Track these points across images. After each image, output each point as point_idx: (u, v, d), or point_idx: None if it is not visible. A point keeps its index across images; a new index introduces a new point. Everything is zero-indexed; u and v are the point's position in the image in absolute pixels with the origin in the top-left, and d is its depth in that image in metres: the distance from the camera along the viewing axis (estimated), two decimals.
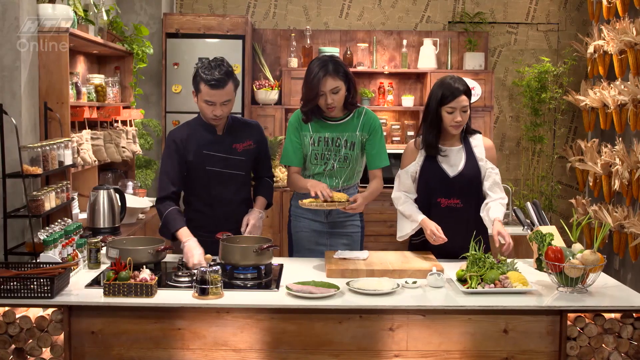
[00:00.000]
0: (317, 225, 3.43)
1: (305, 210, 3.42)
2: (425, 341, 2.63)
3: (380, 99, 6.34)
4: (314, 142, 3.33)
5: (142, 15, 5.93)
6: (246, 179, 3.36)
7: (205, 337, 2.63)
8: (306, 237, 3.45)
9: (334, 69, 3.20)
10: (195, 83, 3.16)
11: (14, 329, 2.60)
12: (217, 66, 3.10)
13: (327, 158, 3.33)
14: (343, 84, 3.23)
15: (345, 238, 3.44)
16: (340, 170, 3.35)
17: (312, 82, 3.21)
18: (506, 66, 6.59)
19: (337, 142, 3.32)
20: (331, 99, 3.22)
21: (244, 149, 3.30)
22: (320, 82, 3.19)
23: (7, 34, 3.42)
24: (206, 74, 3.08)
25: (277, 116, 6.16)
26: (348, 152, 3.33)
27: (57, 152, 3.49)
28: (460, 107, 3.16)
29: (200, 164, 3.23)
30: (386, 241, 5.69)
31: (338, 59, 3.28)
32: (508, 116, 6.63)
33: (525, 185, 6.42)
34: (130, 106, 5.05)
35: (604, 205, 5.53)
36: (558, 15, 6.55)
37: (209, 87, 3.08)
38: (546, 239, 2.87)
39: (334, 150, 3.33)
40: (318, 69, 3.21)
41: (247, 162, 3.33)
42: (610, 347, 2.64)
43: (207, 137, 3.25)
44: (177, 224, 3.12)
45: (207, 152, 3.24)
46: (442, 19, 6.58)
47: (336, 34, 6.47)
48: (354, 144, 3.33)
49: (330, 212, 3.40)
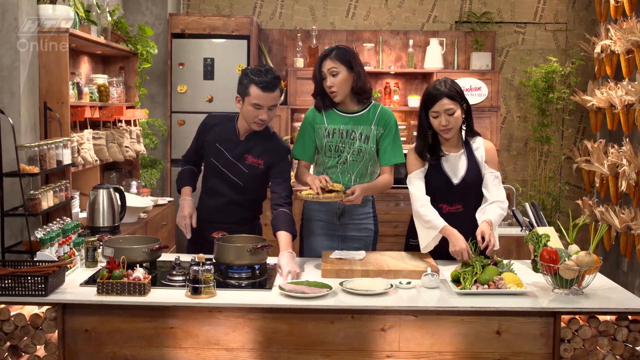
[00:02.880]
0: (329, 228, 3.41)
1: (317, 212, 3.41)
2: (417, 342, 2.62)
3: (386, 99, 6.32)
4: (329, 133, 3.32)
5: (148, 15, 5.97)
6: (245, 189, 3.32)
7: (198, 336, 2.64)
8: (318, 240, 3.42)
9: (336, 53, 3.25)
10: (243, 87, 3.18)
11: (9, 326, 2.62)
12: (267, 71, 3.17)
13: (340, 150, 3.32)
14: (345, 69, 3.24)
15: (357, 242, 3.40)
16: (353, 164, 3.32)
17: (316, 64, 3.31)
18: (514, 66, 6.54)
19: (351, 134, 3.31)
20: (330, 81, 3.24)
21: (251, 163, 3.29)
22: (321, 64, 3.27)
23: (7, 35, 3.45)
24: (258, 77, 3.13)
25: (282, 116, 6.17)
26: (362, 145, 3.31)
27: (56, 151, 3.52)
28: (444, 110, 3.12)
29: (208, 153, 3.34)
30: (391, 242, 5.66)
31: (347, 47, 3.32)
32: (515, 116, 6.58)
33: (533, 186, 6.38)
34: (134, 106, 5.07)
35: (610, 207, 5.47)
36: (566, 14, 6.50)
37: (261, 90, 3.12)
38: (542, 240, 2.85)
39: (348, 142, 3.31)
40: (323, 52, 3.31)
41: (250, 176, 3.30)
42: (605, 350, 2.61)
43: (228, 135, 3.31)
44: (183, 182, 3.42)
45: (219, 147, 3.30)
46: (449, 19, 6.55)
47: (342, 34, 6.47)
48: (368, 137, 3.31)
49: (343, 214, 3.38)
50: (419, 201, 3.18)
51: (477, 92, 6.08)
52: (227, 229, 3.22)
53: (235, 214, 3.35)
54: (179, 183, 3.45)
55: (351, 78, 3.27)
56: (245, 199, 3.35)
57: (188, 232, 3.28)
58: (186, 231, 3.28)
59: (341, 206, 3.37)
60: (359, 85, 3.29)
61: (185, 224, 3.27)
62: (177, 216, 3.32)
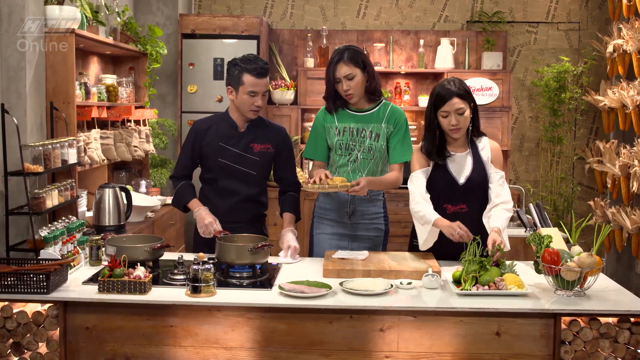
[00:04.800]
0: (339, 227, 3.41)
1: (328, 212, 3.42)
2: (416, 342, 2.61)
3: (396, 99, 6.30)
4: (339, 132, 3.35)
5: (159, 16, 6.01)
6: (258, 179, 3.36)
7: (197, 335, 2.65)
8: (327, 239, 3.42)
9: (349, 56, 3.25)
10: (235, 77, 3.23)
11: (12, 323, 2.65)
12: (256, 58, 3.26)
13: (351, 148, 3.34)
14: (360, 72, 3.26)
15: (367, 241, 3.40)
16: (364, 162, 3.33)
17: (329, 69, 3.30)
18: (526, 66, 6.49)
19: (362, 132, 3.33)
20: (347, 85, 3.26)
21: (260, 150, 3.34)
22: (335, 69, 3.26)
23: (13, 35, 3.49)
24: (250, 64, 3.20)
25: (293, 116, 6.18)
26: (372, 142, 3.33)
27: (61, 150, 3.55)
28: (454, 110, 3.11)
29: (214, 154, 3.32)
30: (400, 242, 5.62)
31: (357, 47, 3.33)
32: (527, 117, 6.53)
33: (544, 187, 6.32)
34: (144, 106, 5.10)
35: (622, 208, 5.41)
36: (579, 14, 6.44)
37: (255, 77, 3.20)
38: (544, 241, 2.82)
39: (358, 140, 3.33)
40: (335, 55, 3.29)
41: (262, 163, 3.35)
42: (606, 352, 2.58)
43: (228, 131, 3.33)
44: (188, 196, 3.34)
45: (223, 145, 3.31)
46: (461, 19, 6.52)
47: (353, 34, 6.46)
48: (378, 135, 3.33)
49: (354, 213, 3.38)
50: (414, 199, 3.17)
51: (487, 92, 6.04)
52: (237, 229, 3.25)
53: (248, 211, 3.36)
54: (181, 199, 3.35)
55: (365, 79, 3.30)
56: (256, 192, 3.37)
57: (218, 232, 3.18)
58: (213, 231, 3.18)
59: (352, 206, 3.38)
60: (373, 85, 3.33)
61: (215, 229, 3.17)
62: (199, 227, 3.22)
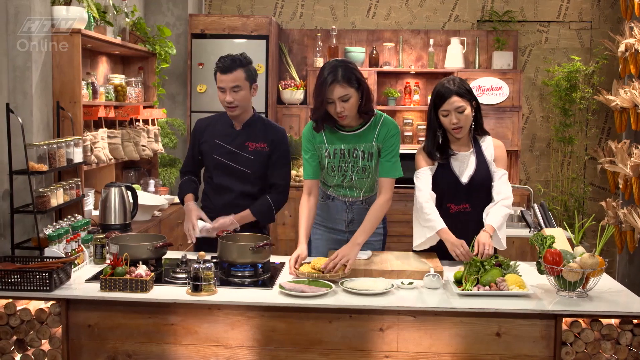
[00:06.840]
0: (337, 234, 3.37)
1: (324, 219, 3.37)
2: (415, 342, 2.60)
3: (406, 99, 6.29)
4: (330, 154, 3.17)
5: (169, 16, 6.04)
6: (254, 177, 3.36)
7: (198, 333, 2.66)
8: (325, 245, 3.39)
9: (343, 75, 2.98)
10: (214, 75, 3.32)
11: (15, 320, 2.68)
12: (229, 55, 3.28)
13: (344, 170, 3.19)
14: (355, 92, 3.02)
15: (366, 246, 3.30)
16: (359, 182, 3.23)
17: (321, 89, 3.00)
18: (537, 65, 6.45)
19: (353, 153, 3.16)
20: (341, 107, 3.01)
21: (255, 148, 3.34)
22: (328, 89, 2.99)
23: (19, 36, 3.52)
24: (219, 62, 3.28)
25: (302, 116, 6.19)
26: (366, 163, 3.17)
27: (66, 149, 3.58)
28: (454, 109, 3.09)
29: (210, 151, 3.37)
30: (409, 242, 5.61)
31: (350, 64, 3.06)
32: (538, 116, 6.49)
33: (555, 187, 6.27)
34: (153, 106, 5.13)
35: (634, 208, 5.35)
36: (591, 13, 6.38)
37: (220, 72, 3.25)
38: (546, 242, 2.80)
39: (351, 161, 3.17)
40: (327, 74, 2.99)
41: (257, 162, 3.34)
42: (608, 354, 2.56)
43: (224, 129, 3.38)
44: (185, 190, 3.44)
45: (219, 142, 3.35)
46: (471, 18, 6.49)
47: (362, 34, 6.45)
48: (371, 154, 3.17)
49: (352, 221, 3.31)
50: (424, 196, 3.12)
51: (498, 92, 6.01)
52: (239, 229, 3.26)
53: (243, 209, 3.34)
54: (180, 194, 3.48)
55: (359, 97, 3.06)
56: (253, 190, 3.36)
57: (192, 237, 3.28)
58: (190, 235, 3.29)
59: (350, 214, 3.32)
60: (367, 105, 3.09)
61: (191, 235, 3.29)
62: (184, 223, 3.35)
